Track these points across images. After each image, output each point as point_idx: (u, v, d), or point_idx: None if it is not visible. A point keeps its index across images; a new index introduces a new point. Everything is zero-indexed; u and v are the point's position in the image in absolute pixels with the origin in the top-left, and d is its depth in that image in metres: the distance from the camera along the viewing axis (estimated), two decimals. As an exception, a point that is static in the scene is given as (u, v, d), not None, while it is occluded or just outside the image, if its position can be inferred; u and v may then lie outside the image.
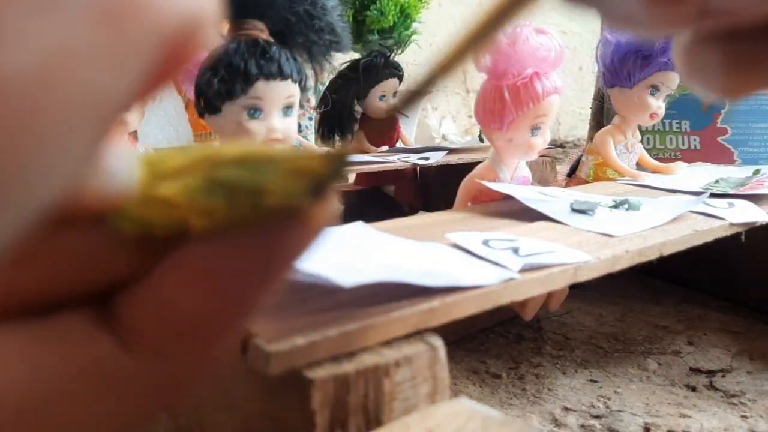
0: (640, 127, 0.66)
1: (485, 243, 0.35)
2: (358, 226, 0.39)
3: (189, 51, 0.10)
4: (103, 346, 0.12)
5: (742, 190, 0.54)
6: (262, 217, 0.11)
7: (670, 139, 0.84)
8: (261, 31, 0.50)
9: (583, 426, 0.40)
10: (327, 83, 0.90)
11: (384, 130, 0.90)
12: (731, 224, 0.46)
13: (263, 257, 0.11)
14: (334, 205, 0.12)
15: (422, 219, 0.44)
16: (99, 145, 0.09)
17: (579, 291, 0.60)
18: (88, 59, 0.08)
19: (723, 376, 0.47)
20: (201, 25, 0.10)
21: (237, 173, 0.11)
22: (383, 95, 0.88)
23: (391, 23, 0.95)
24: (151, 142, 1.01)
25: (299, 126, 0.95)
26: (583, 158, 0.67)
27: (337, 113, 0.88)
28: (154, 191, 0.11)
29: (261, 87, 0.48)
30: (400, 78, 0.89)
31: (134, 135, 0.65)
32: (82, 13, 0.08)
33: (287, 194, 0.11)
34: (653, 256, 0.40)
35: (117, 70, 0.09)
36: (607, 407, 0.43)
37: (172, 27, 0.09)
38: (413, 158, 0.76)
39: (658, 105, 0.62)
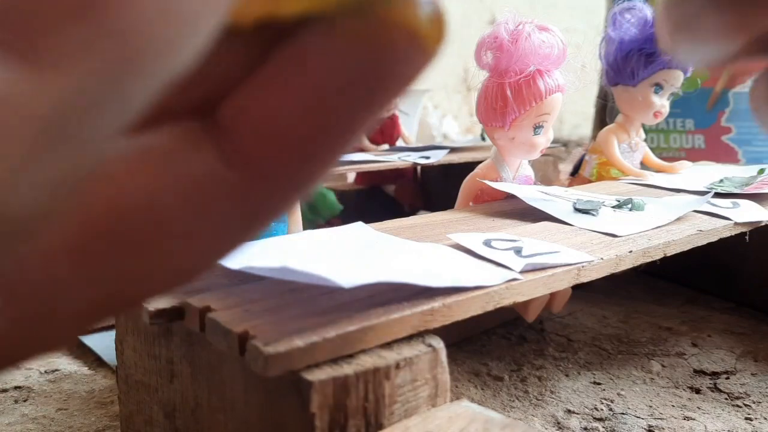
0: (643, 126, 0.65)
1: (487, 243, 0.35)
2: (358, 226, 0.39)
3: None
4: (205, 158, 0.11)
5: (746, 190, 0.54)
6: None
7: (674, 138, 0.83)
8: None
9: (586, 429, 0.40)
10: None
11: (384, 128, 0.90)
12: (736, 224, 0.45)
13: (371, 72, 0.11)
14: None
15: (423, 219, 0.44)
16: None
17: (582, 292, 0.59)
18: None
19: (727, 378, 0.47)
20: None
21: None
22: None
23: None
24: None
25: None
26: (587, 157, 0.66)
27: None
28: None
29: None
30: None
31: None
32: None
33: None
34: (657, 256, 0.39)
35: None
36: (611, 410, 0.42)
37: None
38: (414, 157, 0.75)
39: (662, 103, 0.62)
